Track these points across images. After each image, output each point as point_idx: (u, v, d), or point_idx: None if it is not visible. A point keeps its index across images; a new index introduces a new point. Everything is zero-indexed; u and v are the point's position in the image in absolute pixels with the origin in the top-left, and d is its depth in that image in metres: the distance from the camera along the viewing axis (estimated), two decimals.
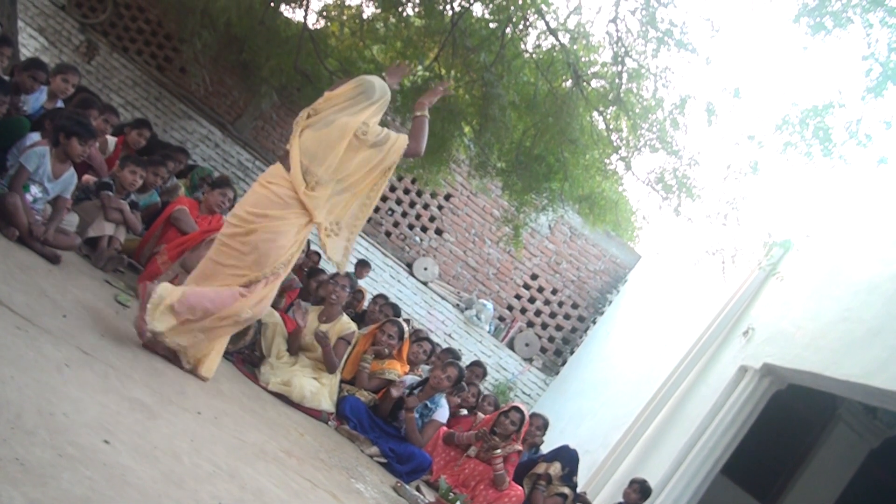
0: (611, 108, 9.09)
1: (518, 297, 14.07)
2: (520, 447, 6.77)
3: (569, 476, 7.18)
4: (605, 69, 9.25)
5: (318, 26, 11.77)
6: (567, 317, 14.03)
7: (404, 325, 7.24)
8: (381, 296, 9.11)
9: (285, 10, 11.90)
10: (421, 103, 4.72)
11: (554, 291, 14.06)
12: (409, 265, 13.62)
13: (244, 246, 4.31)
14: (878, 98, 7.44)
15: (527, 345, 13.47)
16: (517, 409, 6.72)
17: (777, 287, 8.88)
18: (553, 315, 14.03)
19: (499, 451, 6.46)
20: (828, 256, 8.57)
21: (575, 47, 9.15)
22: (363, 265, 11.29)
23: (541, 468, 7.16)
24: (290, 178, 4.36)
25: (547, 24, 8.80)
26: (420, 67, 10.38)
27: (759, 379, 8.23)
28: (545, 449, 8.19)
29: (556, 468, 7.12)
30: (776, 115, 8.58)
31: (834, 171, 8.53)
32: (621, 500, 7.60)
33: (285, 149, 4.49)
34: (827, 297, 8.04)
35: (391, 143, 4.47)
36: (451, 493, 4.97)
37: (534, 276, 14.10)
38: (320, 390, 6.08)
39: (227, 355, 5.60)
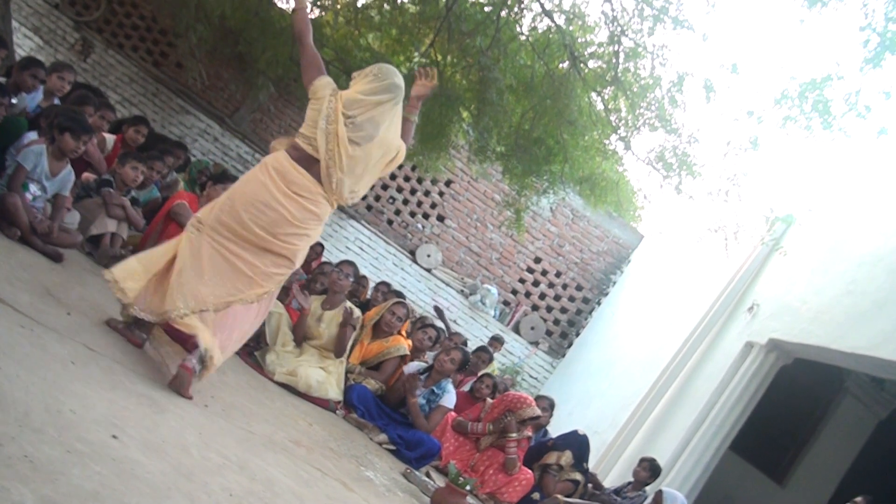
0: (608, 88, 9.05)
1: (522, 280, 14.07)
2: (530, 433, 6.80)
3: (579, 461, 7.20)
4: (602, 49, 9.21)
5: (313, 16, 11.72)
6: (572, 299, 14.04)
7: (410, 307, 7.33)
8: (383, 283, 9.12)
9: (279, 0, 11.87)
10: (414, 106, 4.60)
11: (558, 274, 14.06)
12: (412, 252, 13.62)
13: (267, 258, 4.10)
14: (876, 69, 7.41)
15: (532, 328, 13.48)
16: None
17: (781, 262, 8.86)
18: (557, 298, 14.04)
19: (513, 435, 6.48)
20: (831, 230, 8.55)
21: (571, 28, 9.12)
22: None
23: (552, 457, 7.17)
24: (323, 191, 4.14)
25: (542, 5, 8.77)
26: (417, 54, 10.36)
27: (765, 354, 8.23)
28: (552, 430, 8.21)
29: (567, 457, 7.13)
30: (775, 89, 8.55)
31: (834, 143, 8.51)
32: (631, 479, 7.62)
33: (297, 144, 4.19)
34: (831, 270, 8.02)
35: (399, 157, 4.42)
36: (460, 478, 4.97)
37: (537, 260, 14.10)
38: (327, 379, 6.10)
39: None
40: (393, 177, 14.07)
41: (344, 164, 4.09)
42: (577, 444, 7.31)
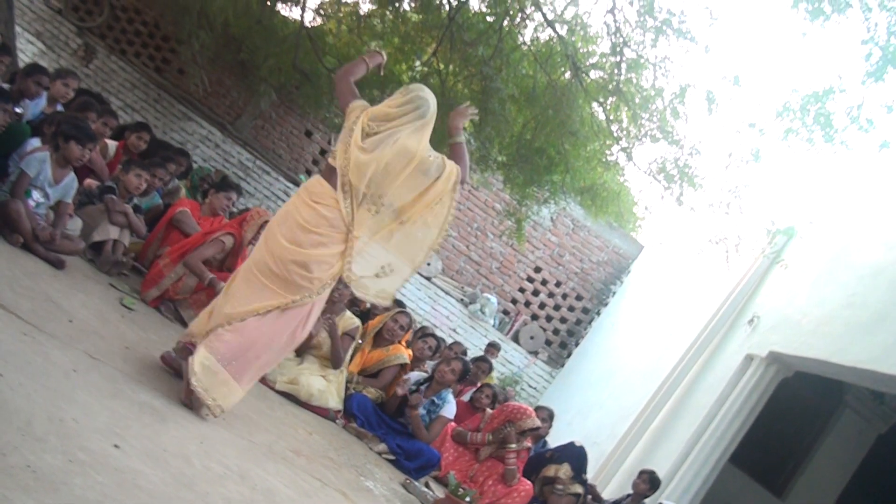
0: (610, 98, 9.07)
1: (522, 290, 14.07)
2: (530, 444, 6.79)
3: (578, 473, 7.18)
4: (604, 60, 9.23)
5: (316, 24, 11.76)
6: (571, 309, 14.03)
7: (412, 316, 7.32)
8: None
9: (282, 8, 11.91)
10: (455, 128, 4.49)
11: (558, 284, 14.06)
12: None
13: (287, 267, 4.04)
14: (878, 82, 7.42)
15: (532, 338, 13.47)
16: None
17: (781, 274, 8.87)
18: (557, 307, 14.03)
19: (513, 446, 6.47)
20: (832, 243, 8.56)
21: (573, 39, 9.13)
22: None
23: (550, 471, 7.16)
24: (339, 199, 4.09)
25: (544, 15, 8.79)
26: (419, 62, 10.38)
27: (765, 367, 8.22)
28: (551, 441, 8.20)
29: (565, 470, 7.12)
30: (777, 101, 8.60)
31: (836, 156, 8.51)
32: (630, 491, 7.60)
33: (328, 163, 4.21)
34: (832, 283, 8.03)
35: (445, 175, 4.21)
36: (460, 489, 4.97)
37: (537, 269, 14.10)
38: (327, 388, 6.09)
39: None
40: None
41: (352, 169, 4.08)
42: (575, 456, 7.30)
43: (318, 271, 4.06)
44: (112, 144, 7.62)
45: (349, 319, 6.57)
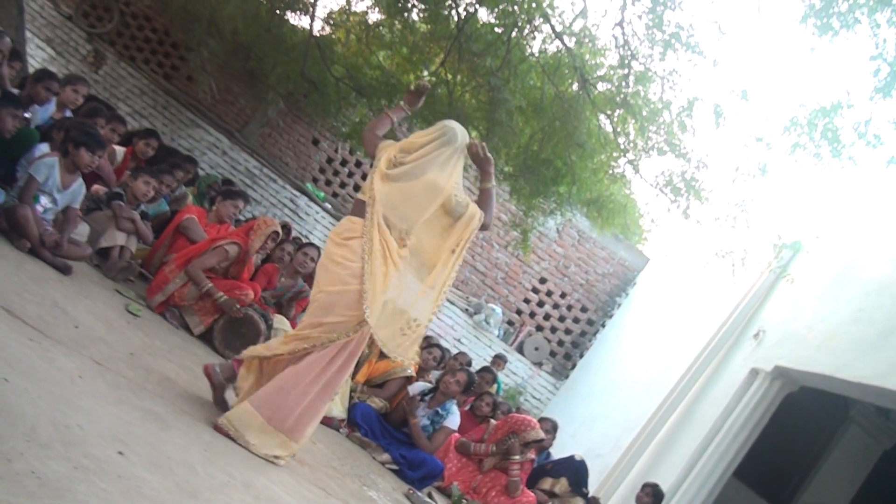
0: (618, 111, 9.08)
1: (527, 301, 14.06)
2: (533, 456, 6.77)
3: (578, 486, 7.17)
4: (612, 72, 9.25)
5: (324, 33, 11.80)
6: (576, 320, 14.01)
7: None
8: None
9: (291, 17, 11.95)
10: (487, 173, 4.39)
11: (563, 295, 14.04)
12: None
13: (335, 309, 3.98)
14: (886, 98, 7.42)
15: (536, 349, 13.44)
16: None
17: (787, 289, 8.84)
18: (562, 319, 14.01)
19: (517, 457, 6.45)
20: (838, 258, 8.53)
21: (581, 51, 9.15)
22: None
23: (546, 483, 7.15)
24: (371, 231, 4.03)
25: (553, 27, 8.81)
26: (426, 73, 10.40)
27: (770, 381, 8.19)
28: (555, 453, 8.18)
29: (562, 485, 7.12)
30: (784, 116, 8.56)
31: (843, 171, 8.51)
32: None
33: (357, 199, 4.18)
34: (838, 298, 8.00)
35: (467, 217, 4.16)
36: (463, 500, 4.96)
37: (542, 280, 14.08)
38: None
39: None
40: None
41: (376, 195, 4.07)
42: (574, 470, 7.29)
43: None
44: (120, 150, 7.64)
45: None
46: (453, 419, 6.54)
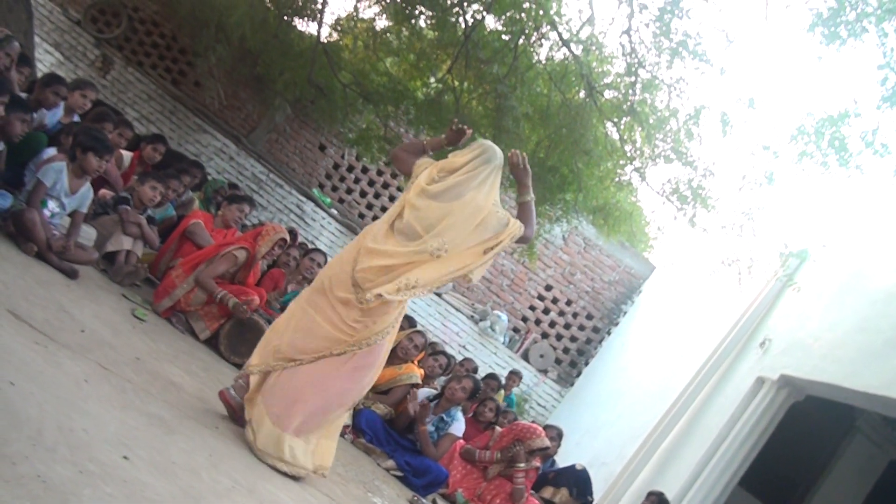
0: (624, 118, 9.09)
1: (532, 308, 14.04)
2: (538, 463, 6.76)
3: (581, 496, 7.15)
4: (619, 80, 9.25)
5: (332, 39, 11.83)
6: (582, 328, 13.99)
7: (426, 336, 7.31)
8: None
9: (299, 23, 11.98)
10: (525, 185, 4.42)
11: (568, 302, 14.03)
12: None
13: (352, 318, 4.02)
14: (893, 107, 7.41)
15: (541, 356, 13.42)
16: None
17: (794, 298, 8.82)
18: (567, 326, 13.99)
19: (522, 465, 6.44)
20: (845, 266, 8.51)
21: (588, 58, 9.16)
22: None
23: (547, 492, 7.14)
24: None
25: (560, 35, 8.82)
26: (433, 79, 10.42)
27: (776, 390, 8.17)
28: (560, 460, 8.16)
29: (562, 495, 7.10)
30: (791, 125, 8.59)
31: (850, 180, 8.49)
32: None
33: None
34: (844, 307, 7.98)
35: (508, 231, 4.15)
36: None
37: (548, 288, 14.07)
38: None
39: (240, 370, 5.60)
40: None
41: (408, 208, 4.09)
42: (575, 480, 7.28)
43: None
44: (127, 155, 7.67)
45: None
46: (458, 426, 6.53)
